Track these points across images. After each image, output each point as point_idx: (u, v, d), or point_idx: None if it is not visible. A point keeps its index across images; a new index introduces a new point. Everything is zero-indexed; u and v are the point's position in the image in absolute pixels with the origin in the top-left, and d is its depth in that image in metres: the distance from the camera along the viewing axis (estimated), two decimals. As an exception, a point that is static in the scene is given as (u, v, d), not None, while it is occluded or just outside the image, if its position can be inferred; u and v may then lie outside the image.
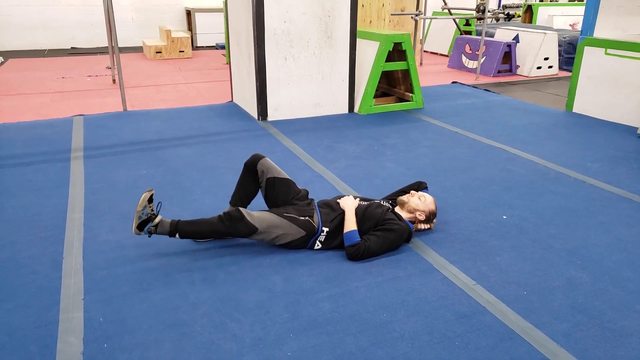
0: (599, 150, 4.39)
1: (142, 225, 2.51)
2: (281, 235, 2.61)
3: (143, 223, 2.51)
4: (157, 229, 2.54)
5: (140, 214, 2.48)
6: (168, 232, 2.56)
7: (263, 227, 2.57)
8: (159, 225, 2.54)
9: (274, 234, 2.60)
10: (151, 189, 2.56)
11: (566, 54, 8.76)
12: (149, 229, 2.52)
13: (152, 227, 2.52)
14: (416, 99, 5.81)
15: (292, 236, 2.63)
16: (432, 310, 2.22)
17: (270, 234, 2.59)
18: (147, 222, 2.52)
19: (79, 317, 2.13)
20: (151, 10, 11.33)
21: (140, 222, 2.49)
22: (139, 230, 2.52)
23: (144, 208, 2.49)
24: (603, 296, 2.33)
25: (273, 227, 2.59)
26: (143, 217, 2.50)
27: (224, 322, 2.13)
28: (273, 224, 2.60)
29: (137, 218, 2.49)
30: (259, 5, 4.81)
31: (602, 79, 5.35)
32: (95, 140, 4.45)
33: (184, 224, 2.57)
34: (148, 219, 2.52)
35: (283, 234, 2.61)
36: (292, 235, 2.62)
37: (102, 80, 7.34)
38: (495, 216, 3.12)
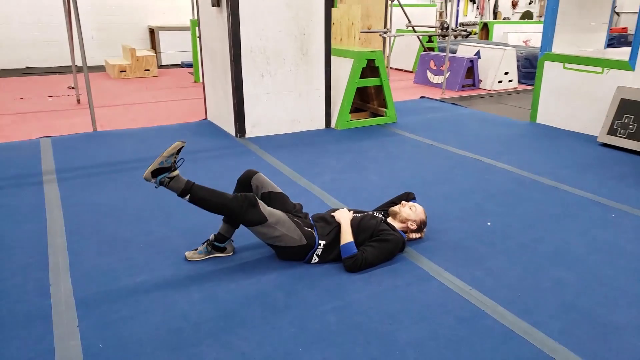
0: (566, 158, 4.60)
1: (157, 172, 2.41)
2: (284, 236, 2.58)
3: (159, 171, 2.41)
4: (171, 182, 2.44)
5: (164, 159, 2.40)
6: (181, 189, 2.46)
7: (272, 220, 2.54)
8: (174, 179, 2.44)
9: (278, 232, 2.56)
10: (184, 141, 2.49)
11: (524, 68, 9.16)
12: (162, 179, 2.42)
13: (167, 177, 2.42)
14: (390, 114, 5.93)
15: (293, 241, 2.61)
16: (435, 316, 2.26)
17: (275, 230, 2.55)
18: (164, 171, 2.42)
19: (76, 345, 2.04)
20: (112, 28, 11.13)
21: (158, 168, 2.40)
22: (152, 177, 2.41)
23: (171, 156, 2.41)
24: (590, 294, 2.44)
25: (280, 225, 2.57)
26: (164, 165, 2.40)
27: (230, 340, 2.10)
28: (281, 221, 2.58)
29: (157, 162, 2.39)
30: (234, 23, 4.83)
31: (562, 92, 5.63)
32: (67, 162, 4.32)
33: (198, 188, 2.50)
34: (167, 168, 2.42)
35: (286, 235, 2.58)
36: (293, 240, 2.60)
37: (65, 100, 7.14)
38: (481, 223, 3.22)
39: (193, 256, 2.73)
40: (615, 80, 4.97)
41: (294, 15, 5.13)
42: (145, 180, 2.46)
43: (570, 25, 5.84)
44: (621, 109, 4.79)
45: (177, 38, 11.20)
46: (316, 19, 5.26)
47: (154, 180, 2.43)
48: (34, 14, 10.19)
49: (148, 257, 2.75)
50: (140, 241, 2.94)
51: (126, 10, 11.20)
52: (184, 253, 2.77)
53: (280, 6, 5.03)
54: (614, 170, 4.21)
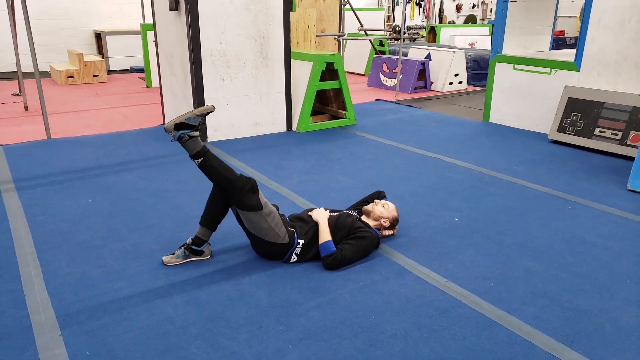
0: (520, 154, 4.86)
1: (180, 126, 2.43)
2: (270, 230, 2.61)
3: (182, 126, 2.44)
4: (189, 141, 2.47)
5: (192, 115, 2.44)
6: (196, 151, 2.50)
7: (266, 211, 2.58)
8: (193, 139, 2.48)
9: (267, 225, 2.59)
10: (214, 105, 2.54)
11: (472, 70, 9.55)
12: (183, 135, 2.45)
13: (187, 135, 2.45)
14: (349, 116, 6.05)
15: (276, 237, 2.64)
16: (415, 308, 2.35)
17: (265, 221, 2.59)
18: (187, 128, 2.45)
19: (61, 353, 1.99)
20: (56, 33, 10.70)
21: (184, 122, 2.43)
22: (173, 130, 2.44)
23: (200, 116, 2.46)
24: (556, 281, 2.61)
25: (271, 218, 2.61)
26: (190, 122, 2.44)
27: (219, 340, 2.10)
28: (272, 215, 2.62)
29: (185, 117, 2.43)
30: (194, 27, 4.80)
31: (512, 92, 5.94)
32: (23, 170, 4.14)
33: (211, 155, 2.55)
34: (190, 126, 2.45)
35: (272, 230, 2.61)
36: (277, 236, 2.64)
37: (12, 107, 6.82)
38: (448, 219, 3.36)
39: (170, 260, 2.70)
40: (563, 80, 5.30)
41: (253, 19, 5.14)
42: (165, 131, 2.49)
43: (519, 29, 6.17)
44: (569, 107, 5.11)
45: (125, 42, 10.90)
46: (275, 23, 5.30)
47: (174, 133, 2.46)
48: (-30, 18, 9.65)
49: (124, 263, 2.70)
50: (113, 248, 2.88)
51: (70, 14, 10.80)
52: (160, 258, 2.75)
53: (239, 9, 5.03)
54: (565, 165, 4.49)
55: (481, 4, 19.00)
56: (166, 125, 2.47)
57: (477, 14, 18.80)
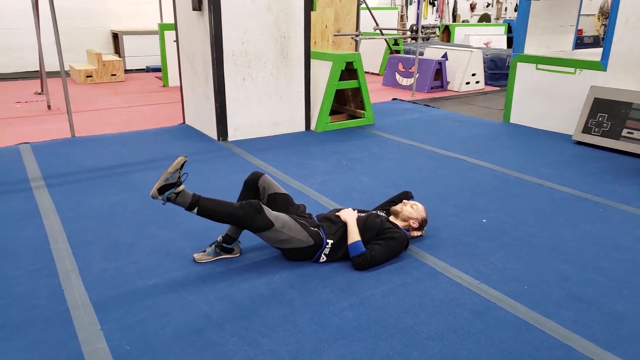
0: (544, 155, 4.82)
1: (163, 189, 2.43)
2: (291, 239, 2.61)
3: (165, 187, 2.43)
4: (178, 197, 2.46)
5: (169, 175, 2.42)
6: (188, 203, 2.49)
7: (278, 225, 2.57)
8: (180, 194, 2.47)
9: (285, 235, 2.60)
10: (186, 155, 2.49)
11: (489, 70, 9.49)
12: (169, 195, 2.44)
13: (173, 193, 2.45)
14: (368, 116, 6.04)
15: (300, 242, 2.64)
16: (450, 310, 2.34)
17: (282, 234, 2.59)
18: (170, 187, 2.44)
19: (103, 347, 2.02)
20: (74, 33, 10.78)
21: (164, 184, 2.42)
22: (159, 194, 2.43)
23: (175, 172, 2.43)
24: (592, 285, 2.58)
25: (287, 228, 2.60)
26: (170, 181, 2.43)
27: (255, 338, 2.11)
28: (287, 225, 2.61)
29: (163, 179, 2.41)
30: (217, 27, 4.82)
31: (534, 92, 5.89)
32: (52, 168, 4.19)
33: (204, 200, 2.52)
34: (172, 184, 2.44)
35: (293, 238, 2.62)
36: (300, 241, 2.64)
37: (35, 106, 6.90)
38: (476, 220, 3.34)
39: (202, 258, 2.72)
40: (588, 80, 5.24)
41: (274, 19, 5.15)
42: (152, 198, 2.47)
43: (541, 28, 6.12)
44: (595, 108, 5.06)
45: (142, 42, 10.98)
46: (296, 22, 5.30)
47: (161, 198, 2.46)
48: (-10, 19, 9.79)
49: (155, 260, 2.73)
50: (144, 245, 2.91)
51: (88, 15, 10.89)
52: (190, 255, 2.77)
53: (261, 9, 5.05)
54: (592, 167, 4.45)
55: (496, 2, 18.87)
56: (151, 193, 2.46)
57: (491, 13, 18.68)
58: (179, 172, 2.47)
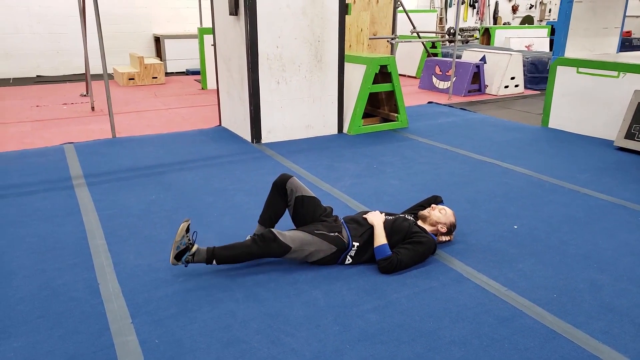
0: (583, 162, 4.68)
1: (179, 256, 2.53)
2: (313, 252, 2.67)
3: (180, 253, 2.53)
4: (195, 257, 2.57)
5: (178, 244, 2.51)
6: (205, 259, 2.59)
7: (296, 245, 2.62)
8: (196, 254, 2.57)
9: (307, 252, 2.66)
10: (188, 219, 2.58)
11: (529, 73, 9.27)
12: (186, 259, 2.54)
13: (189, 256, 2.55)
14: (401, 119, 6.01)
15: (324, 252, 2.69)
16: (475, 316, 2.32)
17: (303, 251, 2.65)
18: (184, 251, 2.54)
19: (133, 340, 2.10)
20: (118, 37, 11.20)
21: (177, 252, 2.51)
22: (177, 261, 2.54)
23: (182, 238, 2.51)
24: (627, 295, 2.50)
25: (306, 245, 2.65)
26: (181, 247, 2.52)
27: (279, 337, 2.15)
28: (305, 242, 2.65)
29: (175, 249, 2.51)
30: (252, 31, 4.91)
31: (575, 96, 5.72)
32: (93, 167, 4.38)
33: (220, 250, 2.61)
34: (185, 248, 2.54)
35: (315, 251, 2.67)
36: (324, 251, 2.68)
37: (80, 107, 7.20)
38: (507, 226, 3.28)
39: None
40: (632, 85, 5.06)
41: (309, 23, 5.21)
42: (173, 265, 2.59)
43: (583, 30, 5.95)
44: (639, 112, 4.87)
45: (182, 46, 11.28)
46: (331, 27, 5.35)
47: (180, 263, 2.55)
48: (44, 24, 10.27)
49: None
50: (176, 244, 2.99)
51: (132, 19, 11.29)
52: (220, 255, 2.83)
53: (296, 14, 5.11)
54: (634, 174, 4.29)
55: (539, 4, 18.39)
56: (170, 262, 2.54)
57: (534, 14, 18.21)
58: (187, 236, 2.55)
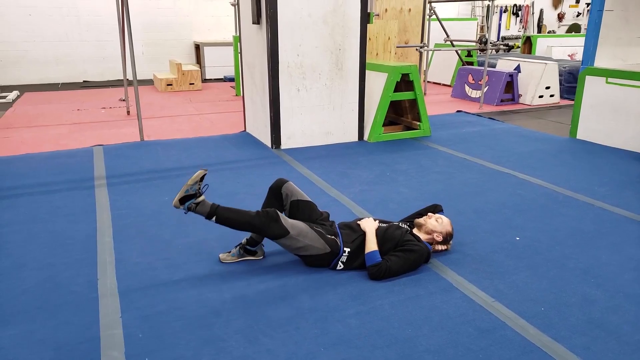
0: (605, 174, 4.53)
1: (184, 199, 2.60)
2: (307, 246, 2.71)
3: (186, 198, 2.60)
4: (197, 207, 2.62)
5: (188, 187, 2.59)
6: (207, 213, 2.64)
7: (294, 232, 2.67)
8: (200, 204, 2.63)
9: (302, 243, 2.69)
10: (206, 169, 2.67)
11: (567, 83, 9.00)
12: (189, 205, 2.60)
13: (193, 203, 2.61)
14: (424, 127, 5.99)
15: (317, 250, 2.73)
16: (455, 326, 2.31)
17: (298, 241, 2.68)
18: (190, 198, 2.61)
19: (119, 333, 2.23)
20: (161, 44, 11.67)
21: (184, 195, 2.59)
22: (180, 204, 2.60)
23: (195, 184, 2.60)
24: (619, 312, 2.43)
25: (303, 236, 2.69)
26: (190, 192, 2.59)
27: (257, 337, 2.23)
28: (303, 233, 2.70)
29: (183, 191, 2.58)
30: (273, 39, 5.04)
31: (604, 107, 5.53)
32: (116, 168, 4.61)
33: (223, 210, 2.67)
34: (192, 195, 2.61)
35: (309, 245, 2.71)
36: (317, 248, 2.72)
37: (116, 112, 7.56)
38: (509, 238, 3.23)
39: (226, 258, 2.89)
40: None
41: (330, 32, 5.29)
42: (175, 208, 2.66)
43: (615, 39, 5.75)
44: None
45: (220, 53, 11.61)
46: (352, 35, 5.41)
47: (182, 207, 2.63)
48: (92, 32, 10.86)
49: (186, 258, 2.93)
50: (179, 243, 3.13)
51: (174, 27, 11.72)
52: (218, 255, 2.94)
53: (317, 22, 5.21)
54: (655, 189, 4.13)
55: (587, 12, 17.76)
56: (173, 203, 2.62)
57: (582, 22, 17.61)
58: (199, 184, 2.63)
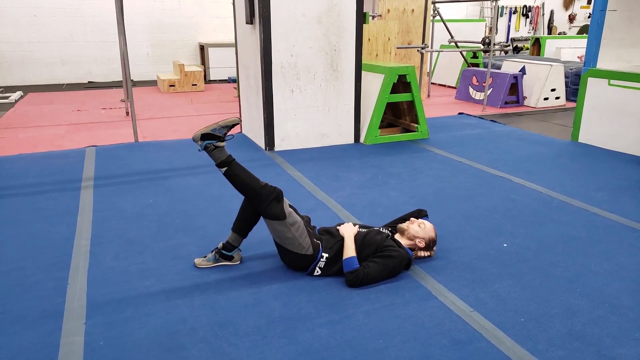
0: (604, 179, 4.39)
1: (206, 137, 2.55)
2: (294, 239, 2.62)
3: (209, 136, 2.55)
4: (215, 150, 2.58)
5: (217, 127, 2.55)
6: (221, 160, 2.60)
7: (289, 220, 2.61)
8: (218, 149, 2.59)
9: (291, 234, 2.61)
10: (240, 120, 2.61)
11: (573, 85, 8.82)
12: (208, 144, 2.57)
13: (213, 145, 2.57)
14: (421, 130, 5.88)
15: (300, 248, 2.65)
16: (429, 337, 2.22)
17: (289, 231, 2.61)
18: (213, 138, 2.56)
19: (79, 341, 2.17)
20: (166, 45, 11.69)
21: (209, 132, 2.54)
22: (200, 140, 2.56)
23: (225, 127, 2.57)
24: (601, 324, 2.32)
25: (295, 228, 2.62)
26: (215, 133, 2.56)
27: (221, 346, 2.15)
28: (297, 225, 2.64)
29: (210, 128, 2.55)
30: (266, 39, 4.98)
31: (606, 110, 5.39)
32: (105, 170, 4.57)
33: (236, 165, 2.64)
34: (216, 137, 2.57)
35: (296, 240, 2.63)
36: (301, 247, 2.64)
37: (116, 112, 7.55)
38: (496, 244, 3.13)
39: (201, 263, 2.82)
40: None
41: (325, 32, 5.22)
42: (193, 141, 2.61)
43: (618, 40, 5.61)
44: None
45: (225, 54, 11.60)
46: (347, 35, 5.32)
47: (200, 143, 2.58)
48: (97, 33, 10.91)
49: (160, 262, 2.87)
50: (156, 246, 3.07)
51: (179, 28, 11.74)
52: (194, 260, 2.87)
53: (311, 23, 5.13)
54: (652, 194, 3.99)
55: (598, 13, 17.47)
56: (194, 135, 2.59)
57: (592, 24, 17.29)
58: (227, 130, 2.59)
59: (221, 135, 2.59)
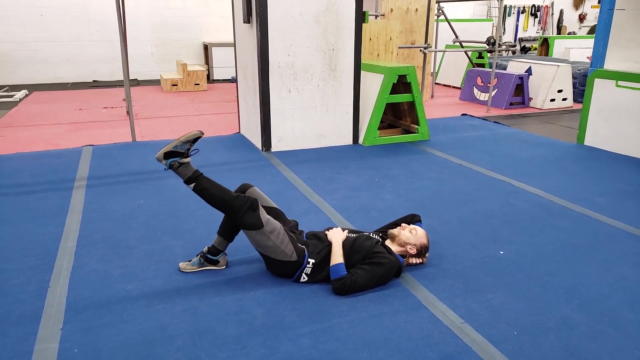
0: (608, 184, 4.27)
1: (169, 155, 2.48)
2: (275, 247, 2.54)
3: (172, 154, 2.49)
4: (180, 167, 2.52)
5: (179, 144, 2.48)
6: (188, 176, 2.53)
7: (267, 229, 2.52)
8: (183, 165, 2.52)
9: (271, 242, 2.53)
10: (202, 131, 2.56)
11: (581, 86, 8.66)
12: (173, 162, 2.50)
13: (178, 162, 2.50)
14: (422, 131, 5.78)
15: (283, 255, 2.56)
16: (415, 350, 2.13)
17: (268, 239, 2.52)
18: (177, 156, 2.50)
19: (54, 347, 2.10)
20: (170, 44, 11.66)
21: (171, 151, 2.48)
22: (164, 159, 2.50)
23: (186, 142, 2.50)
24: (600, 339, 2.21)
25: (274, 235, 2.54)
26: (178, 150, 2.49)
27: (199, 356, 2.07)
28: (276, 232, 2.55)
29: (172, 146, 2.48)
30: (263, 39, 4.90)
31: (613, 112, 5.25)
32: (99, 169, 4.52)
33: (204, 179, 2.56)
34: (180, 153, 2.50)
35: (277, 247, 2.54)
36: (284, 254, 2.55)
37: (117, 111, 7.52)
38: (492, 251, 3.03)
39: (186, 267, 2.75)
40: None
41: (323, 31, 5.13)
42: (157, 160, 2.54)
43: (627, 40, 5.46)
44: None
45: (228, 54, 11.52)
46: (346, 35, 5.23)
47: (165, 162, 2.51)
48: (102, 32, 10.89)
49: (145, 266, 2.80)
50: (143, 249, 3.00)
51: (183, 28, 11.70)
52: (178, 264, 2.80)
53: (309, 22, 5.05)
54: (659, 200, 3.86)
55: (609, 13, 17.22)
56: (157, 155, 2.51)
57: (603, 24, 17.04)
58: (190, 144, 2.52)
59: (184, 152, 2.50)
